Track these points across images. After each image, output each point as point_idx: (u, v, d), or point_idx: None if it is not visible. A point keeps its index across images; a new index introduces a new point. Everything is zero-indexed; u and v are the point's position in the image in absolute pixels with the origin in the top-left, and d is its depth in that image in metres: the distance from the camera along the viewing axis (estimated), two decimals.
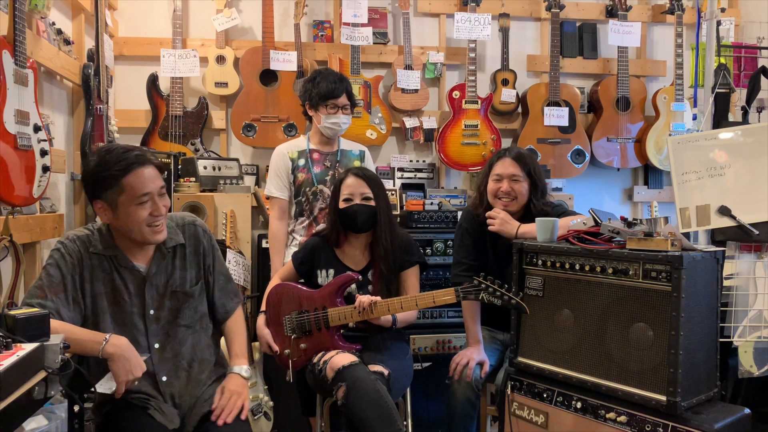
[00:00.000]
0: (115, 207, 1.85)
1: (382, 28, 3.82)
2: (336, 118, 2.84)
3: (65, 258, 1.86)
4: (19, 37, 2.10)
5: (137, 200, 1.84)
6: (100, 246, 1.90)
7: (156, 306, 1.97)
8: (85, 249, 1.89)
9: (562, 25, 3.94)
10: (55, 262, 1.85)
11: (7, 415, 1.30)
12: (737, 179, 2.19)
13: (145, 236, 1.89)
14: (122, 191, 1.83)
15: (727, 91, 3.02)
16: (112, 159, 1.84)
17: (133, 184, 1.84)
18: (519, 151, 2.57)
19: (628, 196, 4.17)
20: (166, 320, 1.98)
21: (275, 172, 2.93)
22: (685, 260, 1.83)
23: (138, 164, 1.85)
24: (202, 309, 2.06)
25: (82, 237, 1.91)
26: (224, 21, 3.60)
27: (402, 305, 2.34)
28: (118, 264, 1.92)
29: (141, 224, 1.86)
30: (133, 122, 3.61)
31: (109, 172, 1.83)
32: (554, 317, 2.16)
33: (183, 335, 2.00)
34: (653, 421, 1.87)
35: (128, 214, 1.85)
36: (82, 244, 1.90)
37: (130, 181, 1.83)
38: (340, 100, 2.83)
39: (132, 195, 1.84)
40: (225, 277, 2.15)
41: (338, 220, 2.49)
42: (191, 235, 2.05)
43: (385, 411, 2.11)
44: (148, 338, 1.95)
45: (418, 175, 3.83)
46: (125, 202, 1.84)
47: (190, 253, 2.04)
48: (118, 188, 1.83)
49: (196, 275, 2.05)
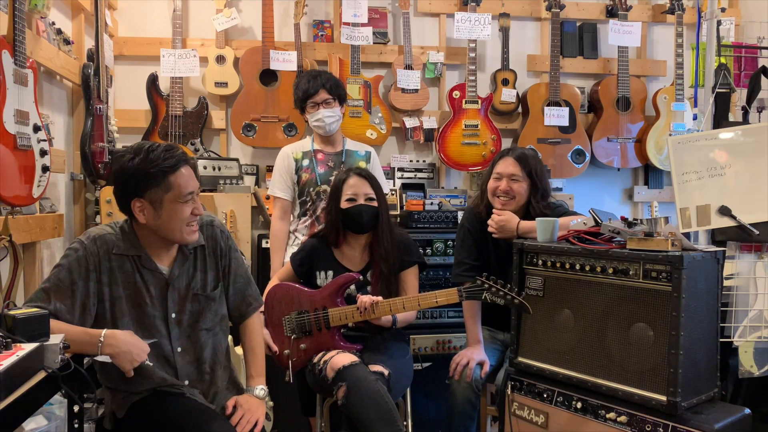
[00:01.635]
0: (159, 205, 1.81)
1: (382, 28, 3.82)
2: (318, 114, 2.86)
3: (80, 262, 1.80)
4: (19, 37, 2.10)
5: (183, 198, 1.83)
6: (123, 246, 1.86)
7: (177, 309, 1.93)
8: (106, 251, 1.84)
9: (563, 24, 3.94)
10: (68, 264, 1.80)
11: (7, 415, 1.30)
12: (737, 179, 2.19)
13: (184, 236, 1.86)
14: (169, 189, 1.81)
15: (728, 91, 3.01)
16: (159, 156, 1.80)
17: (180, 182, 1.82)
18: (522, 152, 2.57)
19: (629, 196, 4.16)
20: (188, 323, 1.94)
21: (279, 172, 2.94)
22: (686, 260, 1.83)
23: (184, 162, 1.85)
24: (222, 311, 2.03)
25: (106, 237, 1.86)
26: (224, 21, 3.60)
27: (404, 305, 2.34)
28: (141, 265, 1.88)
29: (183, 223, 1.84)
30: (132, 122, 3.61)
31: (158, 168, 1.79)
32: (554, 317, 2.16)
33: (204, 339, 1.97)
34: (653, 421, 1.87)
35: (173, 212, 1.82)
36: (104, 244, 1.85)
37: (177, 178, 1.82)
38: (317, 96, 2.85)
39: (179, 193, 1.82)
40: (244, 280, 2.09)
41: (340, 220, 2.49)
42: (209, 236, 2.01)
43: (385, 411, 2.11)
44: (171, 342, 1.91)
45: (418, 175, 3.83)
46: (171, 199, 1.81)
47: (209, 254, 2.00)
48: (165, 186, 1.80)
49: (215, 278, 2.01)
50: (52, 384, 1.51)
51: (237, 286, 2.07)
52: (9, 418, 1.32)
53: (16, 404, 1.33)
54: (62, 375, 1.53)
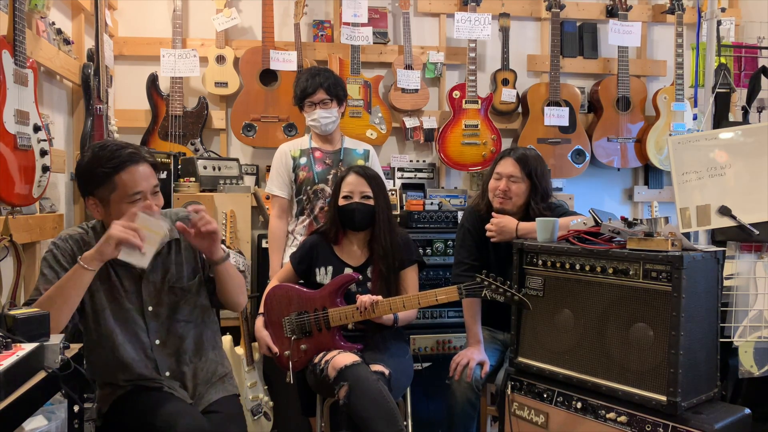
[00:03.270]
0: (107, 204, 1.85)
1: (382, 28, 3.82)
2: (314, 114, 2.85)
3: (57, 257, 1.86)
4: (19, 37, 2.10)
5: (129, 198, 1.83)
6: (95, 244, 1.87)
7: (154, 302, 1.96)
8: (79, 248, 1.88)
9: (563, 24, 3.94)
10: (47, 263, 1.86)
11: (7, 415, 1.30)
12: (737, 179, 2.19)
13: None
14: (114, 188, 1.82)
15: (728, 91, 3.01)
16: (105, 155, 1.82)
17: (126, 181, 1.82)
18: (523, 153, 2.57)
19: (629, 196, 4.16)
20: (165, 316, 1.98)
21: (276, 170, 2.94)
22: (686, 260, 1.83)
23: (131, 162, 1.84)
24: (201, 303, 2.05)
25: (75, 236, 1.91)
26: (224, 21, 3.60)
27: (404, 304, 2.34)
28: (114, 262, 1.89)
29: None
30: (132, 122, 3.61)
31: (102, 168, 1.81)
32: (554, 317, 2.16)
33: (183, 330, 2.00)
34: (653, 421, 1.87)
35: (120, 211, 1.83)
36: (75, 243, 1.90)
37: (122, 178, 1.82)
38: (315, 96, 2.84)
39: (124, 193, 1.83)
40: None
41: (337, 217, 2.50)
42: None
43: (387, 411, 2.11)
44: (149, 335, 1.95)
45: (418, 175, 3.83)
46: (117, 199, 1.83)
47: (185, 248, 2.03)
48: (110, 185, 1.82)
49: (192, 270, 2.04)
50: (52, 384, 1.51)
51: None
52: (9, 418, 1.32)
53: (16, 404, 1.33)
54: (62, 375, 1.53)
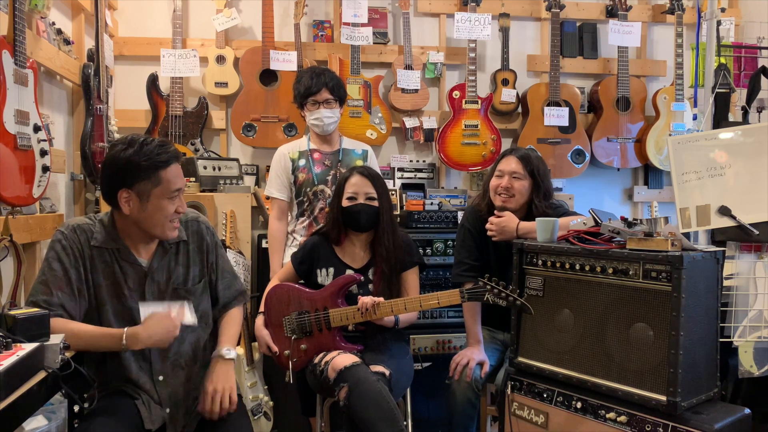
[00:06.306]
0: (146, 198, 1.84)
1: (382, 28, 3.82)
2: (318, 113, 2.85)
3: (66, 250, 1.84)
4: (19, 37, 2.10)
5: (170, 194, 1.85)
6: (102, 238, 1.88)
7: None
8: (86, 240, 1.87)
9: (562, 25, 3.94)
10: (56, 255, 1.83)
11: (7, 415, 1.31)
12: (737, 179, 2.19)
13: (165, 231, 1.89)
14: (158, 183, 1.83)
15: (727, 91, 3.01)
16: (152, 150, 1.82)
17: (170, 178, 1.85)
18: (526, 152, 2.59)
19: (628, 196, 4.16)
20: None
21: (275, 172, 2.94)
22: (685, 260, 1.83)
23: (176, 159, 1.87)
24: (203, 307, 2.05)
25: (84, 227, 1.89)
26: (224, 21, 3.60)
27: (406, 306, 2.34)
28: (120, 257, 1.90)
29: (166, 219, 1.87)
30: (133, 122, 3.61)
31: (150, 161, 1.81)
32: (554, 317, 2.16)
33: (183, 334, 1.98)
34: (653, 421, 1.87)
35: (159, 207, 1.84)
36: (83, 233, 1.87)
37: (168, 174, 1.84)
38: (319, 95, 2.83)
39: (167, 188, 1.84)
40: (231, 275, 2.14)
41: (340, 218, 2.50)
42: (194, 231, 2.04)
43: (387, 411, 2.11)
44: None
45: (418, 175, 3.83)
46: (159, 194, 1.84)
47: (193, 250, 2.03)
48: (154, 180, 1.82)
49: (199, 273, 2.04)
50: (52, 384, 1.51)
51: (225, 282, 2.11)
52: (9, 418, 1.32)
53: (16, 404, 1.34)
54: (62, 375, 1.53)
